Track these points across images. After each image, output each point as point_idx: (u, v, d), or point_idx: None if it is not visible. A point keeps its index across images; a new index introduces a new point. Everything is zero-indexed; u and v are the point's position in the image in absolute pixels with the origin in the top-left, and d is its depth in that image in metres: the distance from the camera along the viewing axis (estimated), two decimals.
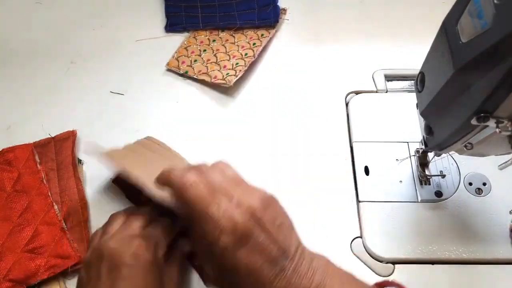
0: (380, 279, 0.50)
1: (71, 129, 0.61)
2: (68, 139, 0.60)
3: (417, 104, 0.46)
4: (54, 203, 0.55)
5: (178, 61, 0.69)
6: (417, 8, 0.75)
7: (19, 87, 0.67)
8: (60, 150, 0.59)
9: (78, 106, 0.65)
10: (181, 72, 0.68)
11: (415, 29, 0.71)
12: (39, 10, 0.76)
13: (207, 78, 0.66)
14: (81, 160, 0.60)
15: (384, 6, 0.75)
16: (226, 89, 0.65)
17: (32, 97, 0.66)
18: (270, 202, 0.40)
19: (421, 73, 0.44)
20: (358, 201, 0.56)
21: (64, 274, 0.52)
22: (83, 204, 0.55)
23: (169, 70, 0.69)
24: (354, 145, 0.61)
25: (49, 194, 0.55)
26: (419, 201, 0.56)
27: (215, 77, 0.65)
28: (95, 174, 0.59)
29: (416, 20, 0.73)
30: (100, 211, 0.56)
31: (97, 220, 0.55)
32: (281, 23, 0.74)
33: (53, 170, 0.58)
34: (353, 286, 0.40)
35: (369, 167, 0.59)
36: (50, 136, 0.61)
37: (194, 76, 0.67)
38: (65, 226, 0.53)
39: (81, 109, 0.65)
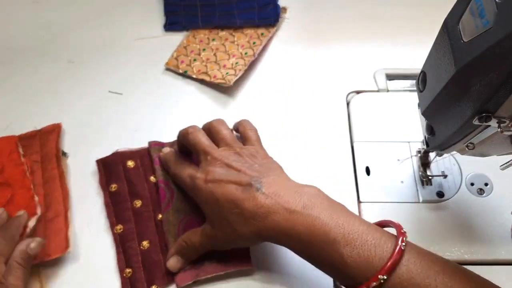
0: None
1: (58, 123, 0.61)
2: (53, 131, 0.60)
3: (418, 104, 0.46)
4: (35, 195, 0.55)
5: (177, 60, 0.68)
6: (418, 7, 0.74)
7: (17, 86, 0.67)
8: (45, 142, 0.59)
9: (76, 106, 0.65)
10: (181, 71, 0.67)
11: (416, 28, 0.71)
12: (38, 10, 0.76)
13: (206, 78, 0.66)
14: (65, 153, 0.60)
15: (385, 4, 0.75)
16: (226, 89, 0.65)
17: (31, 96, 0.66)
18: (249, 154, 0.50)
19: (423, 72, 0.44)
20: (359, 202, 0.56)
21: (44, 267, 0.52)
22: (65, 195, 0.55)
23: (168, 69, 0.68)
24: (355, 145, 0.60)
25: (31, 187, 0.55)
26: (420, 201, 0.55)
27: (214, 77, 0.65)
28: (79, 166, 0.59)
29: (418, 19, 0.73)
30: (83, 203, 0.56)
31: (78, 212, 0.56)
32: (281, 22, 0.73)
33: (37, 163, 0.58)
34: (343, 213, 0.43)
35: (370, 167, 0.58)
36: (36, 129, 0.61)
37: (194, 76, 0.67)
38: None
39: (80, 108, 0.64)
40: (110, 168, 0.57)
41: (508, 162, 0.43)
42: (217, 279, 0.50)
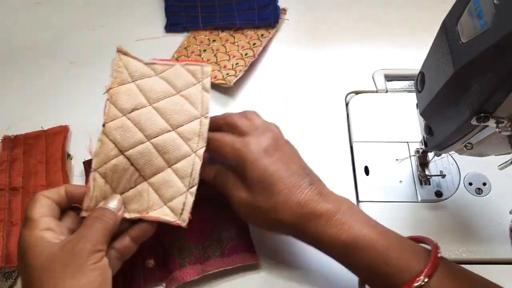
0: None
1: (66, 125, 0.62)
2: (60, 133, 0.60)
3: (417, 104, 0.46)
4: None
5: (178, 61, 0.69)
6: (417, 8, 0.75)
7: (19, 87, 0.67)
8: (51, 143, 0.60)
9: (77, 106, 0.65)
10: None
11: (415, 29, 0.72)
12: (39, 10, 0.76)
13: None
14: (70, 155, 0.60)
15: (384, 5, 0.75)
16: (226, 89, 0.65)
17: (32, 97, 0.66)
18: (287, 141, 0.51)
19: (421, 73, 0.44)
20: (358, 201, 0.56)
21: None
22: None
23: None
24: (354, 145, 0.61)
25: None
26: (419, 201, 0.56)
27: (215, 77, 0.65)
28: (79, 167, 0.59)
29: (416, 20, 0.73)
30: None
31: None
32: (281, 23, 0.74)
33: (41, 163, 0.58)
34: (377, 222, 0.45)
35: (369, 167, 0.59)
36: (42, 129, 0.61)
37: None
38: None
39: (81, 109, 0.65)
40: None
41: (506, 161, 0.43)
42: (222, 274, 0.51)
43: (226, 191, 0.48)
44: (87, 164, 0.58)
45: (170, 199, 0.47)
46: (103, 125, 0.47)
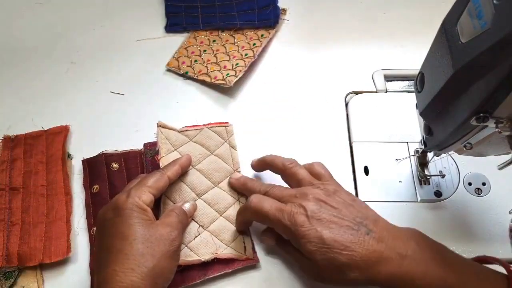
0: None
1: (66, 125, 0.62)
2: (61, 133, 0.60)
3: (416, 104, 0.46)
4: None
5: (178, 61, 0.69)
6: (417, 8, 0.75)
7: (19, 87, 0.67)
8: (51, 143, 0.60)
9: (78, 106, 0.65)
10: (181, 72, 0.68)
11: (415, 29, 0.72)
12: (39, 10, 0.77)
13: (207, 79, 0.66)
14: (70, 155, 0.60)
15: (384, 6, 0.76)
16: (226, 89, 0.65)
17: (32, 97, 0.66)
18: (334, 191, 0.48)
19: (421, 73, 0.44)
20: None
21: (43, 268, 0.52)
22: (68, 199, 0.56)
23: (169, 70, 0.69)
24: (353, 145, 0.61)
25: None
26: (418, 201, 0.56)
27: (215, 78, 0.65)
28: (78, 166, 0.59)
29: (416, 20, 0.73)
30: (81, 203, 0.57)
31: (80, 215, 0.56)
32: (281, 23, 0.74)
33: (42, 163, 0.58)
34: (449, 253, 0.45)
35: (368, 167, 0.59)
36: (42, 129, 0.61)
37: (194, 77, 0.67)
38: None
39: (81, 109, 0.65)
40: (94, 169, 0.58)
41: (505, 162, 0.43)
42: (223, 275, 0.51)
43: (290, 255, 0.50)
44: (86, 162, 0.58)
45: (231, 241, 0.52)
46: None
